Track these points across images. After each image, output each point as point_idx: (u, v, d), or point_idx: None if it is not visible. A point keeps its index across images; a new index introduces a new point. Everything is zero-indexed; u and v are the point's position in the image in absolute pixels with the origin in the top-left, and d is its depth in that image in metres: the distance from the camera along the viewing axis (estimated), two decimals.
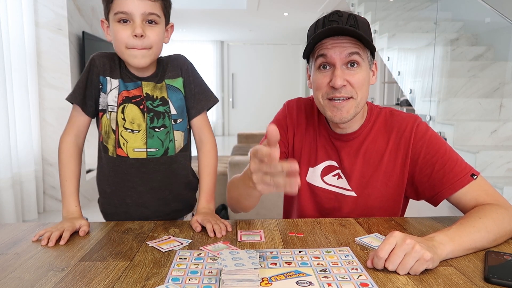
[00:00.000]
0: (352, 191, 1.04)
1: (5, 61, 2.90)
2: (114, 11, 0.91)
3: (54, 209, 3.52)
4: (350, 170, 1.04)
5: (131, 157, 1.01)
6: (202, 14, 6.84)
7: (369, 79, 0.99)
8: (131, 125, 1.00)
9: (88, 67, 1.01)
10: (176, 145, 1.05)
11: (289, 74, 9.84)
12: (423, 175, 0.98)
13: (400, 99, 6.31)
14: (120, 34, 0.91)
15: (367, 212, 1.04)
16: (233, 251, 0.71)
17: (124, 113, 0.99)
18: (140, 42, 0.92)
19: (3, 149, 2.87)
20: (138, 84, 1.01)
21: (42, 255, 0.80)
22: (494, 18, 3.82)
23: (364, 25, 0.95)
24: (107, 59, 1.01)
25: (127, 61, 0.97)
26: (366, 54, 0.96)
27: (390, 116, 1.05)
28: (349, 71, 0.94)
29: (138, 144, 1.01)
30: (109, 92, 1.00)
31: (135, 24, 0.90)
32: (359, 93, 0.96)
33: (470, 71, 3.79)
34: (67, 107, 3.98)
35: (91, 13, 3.88)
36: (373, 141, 1.04)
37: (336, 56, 0.93)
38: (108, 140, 1.02)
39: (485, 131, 3.11)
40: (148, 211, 1.05)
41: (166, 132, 1.02)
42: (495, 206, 0.87)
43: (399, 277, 0.68)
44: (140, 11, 0.90)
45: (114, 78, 1.00)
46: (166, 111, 1.02)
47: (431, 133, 1.01)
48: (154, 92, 1.02)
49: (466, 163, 0.97)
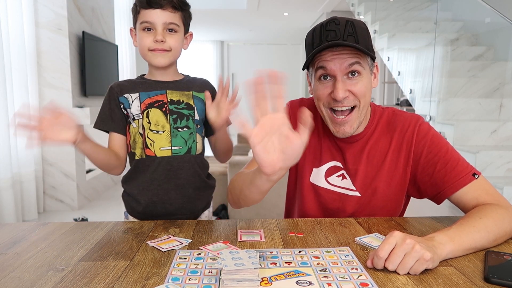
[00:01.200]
0: (356, 191, 1.04)
1: (5, 61, 2.90)
2: (140, 20, 1.06)
3: (54, 209, 3.52)
4: (354, 170, 1.04)
5: (158, 155, 1.10)
6: (202, 14, 6.84)
7: (371, 84, 0.98)
8: (156, 127, 1.10)
9: (107, 94, 1.12)
10: (197, 147, 1.14)
11: (289, 74, 9.83)
12: (425, 174, 0.99)
13: (400, 99, 6.32)
14: (144, 40, 1.07)
15: (370, 212, 1.04)
16: (233, 251, 0.71)
17: (148, 117, 1.09)
18: (160, 46, 1.06)
19: (3, 149, 2.88)
20: (163, 92, 1.11)
21: (42, 255, 0.80)
22: (494, 18, 3.82)
23: (362, 31, 0.93)
24: (122, 83, 1.13)
25: (150, 61, 1.09)
26: (367, 61, 0.95)
27: (393, 116, 1.05)
28: (351, 81, 0.94)
29: (164, 143, 1.10)
30: (131, 104, 1.10)
31: (157, 32, 1.05)
32: (362, 101, 0.95)
33: (470, 71, 3.79)
34: (67, 107, 3.98)
35: (91, 13, 3.88)
36: (376, 141, 1.04)
37: (336, 68, 0.92)
38: (135, 146, 1.12)
39: (485, 131, 3.11)
40: (173, 207, 1.12)
41: (190, 133, 1.12)
42: (495, 206, 0.87)
43: (399, 277, 0.68)
44: (161, 21, 1.05)
45: (133, 93, 1.11)
46: (191, 115, 1.12)
47: (433, 133, 1.01)
48: (181, 97, 1.12)
49: (468, 162, 0.97)
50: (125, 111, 1.11)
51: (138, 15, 1.07)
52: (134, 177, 1.13)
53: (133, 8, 1.09)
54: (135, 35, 1.11)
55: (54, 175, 3.50)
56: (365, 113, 0.99)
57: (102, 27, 4.16)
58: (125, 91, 1.11)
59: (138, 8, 1.06)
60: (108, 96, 1.12)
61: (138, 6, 1.07)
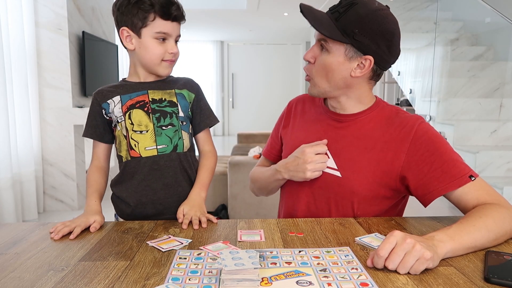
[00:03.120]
0: (337, 170, 1.04)
1: (5, 61, 2.90)
2: (155, 29, 1.04)
3: (54, 209, 3.53)
4: (339, 149, 1.05)
5: (143, 156, 1.09)
6: (202, 14, 6.84)
7: (339, 66, 1.00)
8: (139, 127, 1.09)
9: (91, 102, 1.14)
10: (184, 144, 1.13)
11: (289, 74, 9.84)
12: (419, 172, 0.97)
13: (400, 99, 6.32)
14: (158, 49, 1.06)
15: (349, 196, 1.03)
16: (233, 250, 0.71)
17: (131, 118, 1.08)
18: (174, 58, 1.10)
19: (3, 149, 2.88)
20: (144, 92, 1.10)
21: (42, 255, 0.80)
22: (494, 18, 3.82)
23: (357, 16, 0.95)
24: (104, 90, 1.13)
25: (157, 71, 1.09)
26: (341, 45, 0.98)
27: (395, 113, 1.06)
28: (319, 51, 1.02)
29: (149, 143, 1.09)
30: (113, 109, 1.10)
31: (171, 43, 1.07)
32: (313, 71, 1.03)
33: (470, 71, 3.80)
34: (67, 107, 3.99)
35: (91, 13, 3.88)
36: (369, 129, 1.04)
37: (315, 35, 1.03)
38: (121, 148, 1.11)
39: (485, 131, 3.12)
40: (162, 207, 1.12)
41: (175, 130, 1.11)
42: (495, 206, 0.87)
43: (399, 277, 0.68)
44: (176, 33, 1.08)
45: (114, 97, 1.10)
46: (174, 112, 1.11)
47: (433, 133, 1.00)
48: (163, 96, 1.11)
49: (466, 164, 0.96)
50: (107, 117, 1.11)
51: (151, 22, 1.03)
52: (122, 180, 1.13)
53: (142, 13, 1.02)
54: (128, 36, 1.06)
55: (54, 175, 3.51)
56: (328, 89, 1.03)
57: (102, 27, 4.16)
58: (107, 96, 1.10)
59: (154, 15, 1.03)
60: (92, 105, 1.13)
61: (154, 14, 1.02)
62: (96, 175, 1.13)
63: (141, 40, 1.06)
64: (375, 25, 0.95)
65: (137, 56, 1.08)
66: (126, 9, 1.04)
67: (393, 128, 1.02)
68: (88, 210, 1.03)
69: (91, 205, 1.05)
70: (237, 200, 2.94)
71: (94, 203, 1.06)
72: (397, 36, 1.00)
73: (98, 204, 1.07)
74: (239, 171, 2.90)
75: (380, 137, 1.03)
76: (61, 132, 3.45)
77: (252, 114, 9.84)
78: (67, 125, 3.43)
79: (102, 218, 1.00)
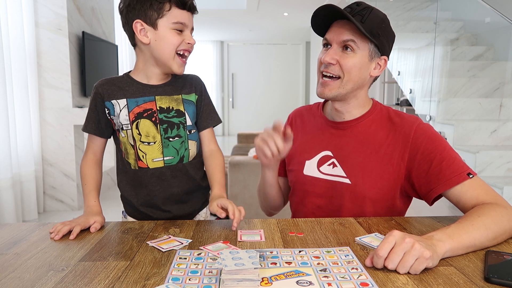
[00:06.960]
0: (347, 178, 1.05)
1: (5, 61, 2.90)
2: (172, 20, 1.01)
3: (54, 209, 3.52)
4: (345, 156, 1.06)
5: (151, 167, 1.08)
6: (202, 14, 6.82)
7: (364, 66, 1.03)
8: (147, 138, 1.07)
9: (92, 96, 1.10)
10: (190, 154, 1.13)
11: (289, 74, 9.83)
12: (421, 170, 0.99)
13: (400, 99, 6.31)
14: (176, 39, 1.02)
15: (361, 202, 1.04)
16: (233, 250, 0.71)
17: (138, 129, 1.06)
18: (191, 49, 1.07)
19: (3, 149, 2.87)
20: (152, 98, 1.07)
21: (42, 255, 0.80)
22: (494, 18, 3.82)
23: (376, 18, 1.01)
24: (108, 85, 1.08)
25: (171, 66, 1.05)
26: (367, 45, 1.01)
27: (394, 114, 1.08)
28: (342, 53, 1.02)
29: (156, 154, 1.08)
30: (119, 113, 1.06)
31: (188, 34, 1.05)
32: (346, 75, 1.02)
33: (470, 71, 3.79)
34: (67, 107, 3.98)
35: (91, 13, 3.88)
36: (372, 132, 1.06)
37: (333, 38, 1.03)
38: (128, 156, 1.10)
39: (485, 131, 3.12)
40: (170, 214, 1.13)
41: (181, 141, 1.10)
42: (494, 205, 0.88)
43: (399, 277, 0.68)
44: (191, 25, 1.06)
45: (119, 99, 1.06)
46: (181, 122, 1.09)
47: (432, 132, 1.02)
48: (170, 104, 1.08)
49: (465, 163, 0.98)
50: (109, 116, 1.08)
51: (167, 12, 1.00)
52: (132, 185, 1.12)
53: (156, 4, 1.00)
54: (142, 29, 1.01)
55: (54, 175, 3.50)
56: (348, 90, 1.03)
57: (102, 27, 4.16)
58: (112, 95, 1.06)
59: (169, 5, 1.00)
60: (94, 99, 1.09)
61: (169, 3, 1.00)
62: (92, 170, 1.11)
63: (158, 31, 1.01)
64: (389, 28, 1.05)
65: (152, 49, 1.03)
66: (138, 3, 1.01)
67: (394, 129, 1.05)
68: (88, 210, 1.03)
69: (91, 206, 1.05)
70: (237, 200, 2.94)
71: (94, 204, 1.06)
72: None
73: (98, 204, 1.06)
74: (239, 171, 2.90)
75: (384, 138, 1.05)
76: (61, 132, 3.45)
77: (252, 114, 9.83)
78: (67, 125, 3.43)
79: (102, 218, 1.00)
